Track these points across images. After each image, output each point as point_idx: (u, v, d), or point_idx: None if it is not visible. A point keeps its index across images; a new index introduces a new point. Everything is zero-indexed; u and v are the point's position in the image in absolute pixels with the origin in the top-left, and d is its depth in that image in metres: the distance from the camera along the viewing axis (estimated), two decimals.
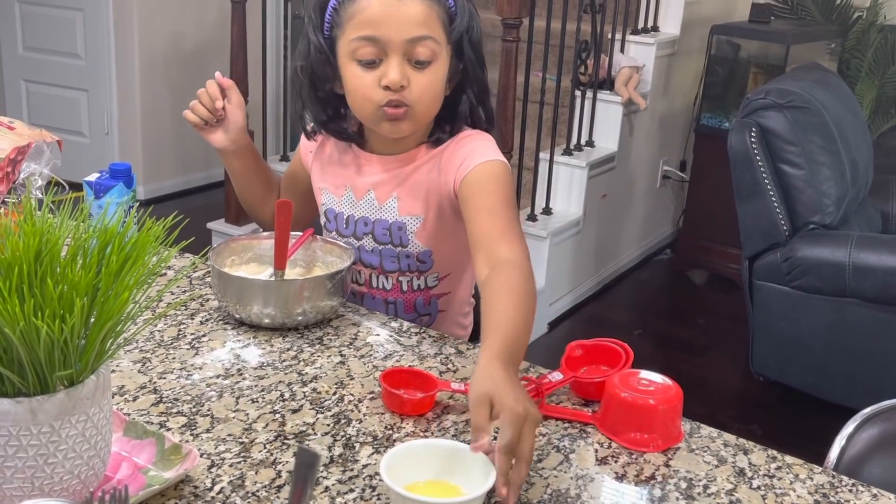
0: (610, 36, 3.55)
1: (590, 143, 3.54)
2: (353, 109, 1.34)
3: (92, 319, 0.80)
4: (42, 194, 1.32)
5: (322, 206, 1.48)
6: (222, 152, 1.47)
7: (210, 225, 3.47)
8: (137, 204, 1.41)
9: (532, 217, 3.28)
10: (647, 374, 1.08)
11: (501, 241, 1.23)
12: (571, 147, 3.44)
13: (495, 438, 0.91)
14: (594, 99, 3.50)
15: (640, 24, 3.73)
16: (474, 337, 1.56)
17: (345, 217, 1.43)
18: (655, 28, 3.79)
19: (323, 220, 1.49)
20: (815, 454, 1.17)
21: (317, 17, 1.31)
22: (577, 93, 3.44)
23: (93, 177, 1.37)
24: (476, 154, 1.32)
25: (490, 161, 1.31)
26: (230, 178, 1.54)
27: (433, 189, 1.36)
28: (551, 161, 3.33)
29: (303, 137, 1.49)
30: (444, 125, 1.37)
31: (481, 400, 0.93)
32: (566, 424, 1.08)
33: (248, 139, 1.48)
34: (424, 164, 1.37)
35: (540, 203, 3.33)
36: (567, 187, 3.42)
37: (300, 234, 1.39)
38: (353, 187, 1.42)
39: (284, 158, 3.71)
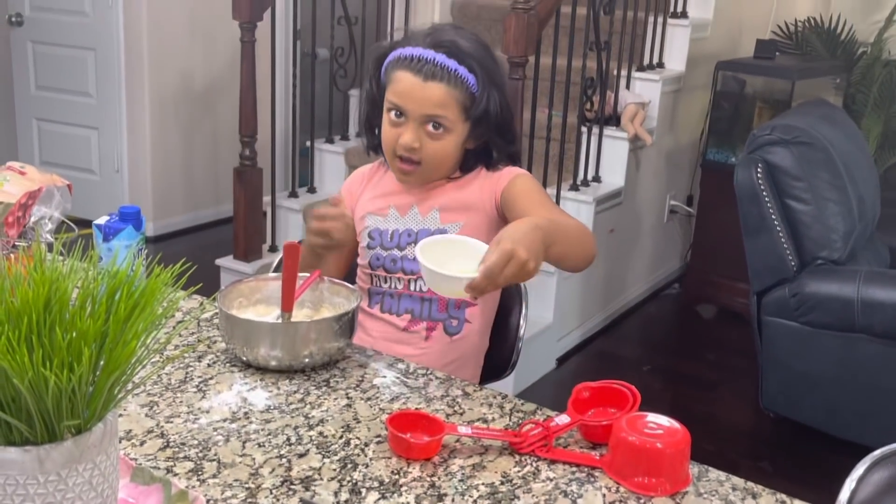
0: (615, 72, 3.57)
1: (596, 179, 3.55)
2: (382, 147, 1.57)
3: (100, 366, 0.80)
4: (52, 237, 1.34)
5: (365, 229, 1.60)
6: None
7: (219, 261, 3.48)
8: (146, 248, 1.42)
9: None
10: (654, 417, 1.08)
11: (561, 216, 1.48)
12: (578, 182, 3.45)
13: None
14: (600, 135, 3.51)
15: (646, 61, 3.75)
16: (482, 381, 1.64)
17: (389, 232, 1.58)
18: (661, 64, 3.82)
19: (365, 241, 1.59)
20: (828, 491, 1.16)
21: (373, 69, 1.56)
22: (584, 129, 3.45)
23: (102, 219, 1.38)
24: (507, 172, 1.55)
25: (525, 174, 1.56)
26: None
27: (471, 203, 1.55)
28: (558, 196, 3.34)
29: (344, 187, 1.68)
30: (474, 167, 1.57)
31: (505, 253, 1.16)
32: (574, 468, 1.08)
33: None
34: (462, 185, 1.57)
35: None
36: None
37: (307, 275, 1.40)
38: (395, 206, 1.59)
39: (293, 195, 3.73)
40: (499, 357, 1.68)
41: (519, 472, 1.07)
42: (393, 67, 1.50)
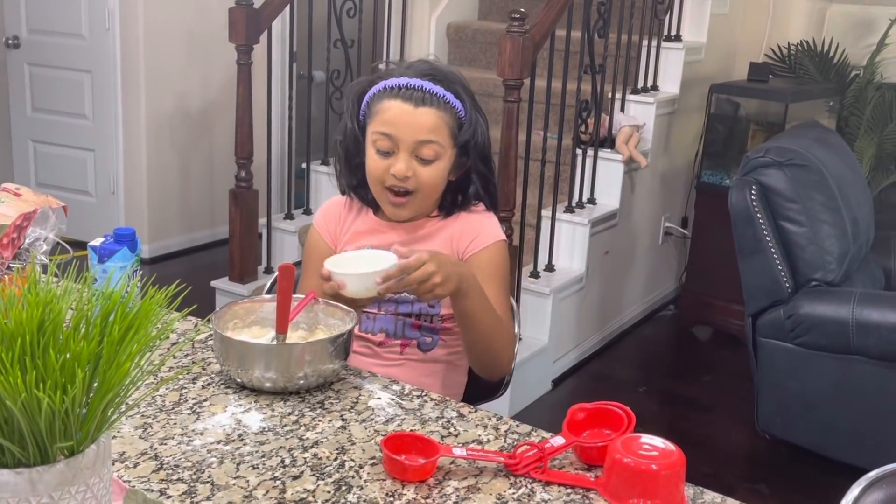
0: (610, 95, 3.59)
1: (591, 201, 3.56)
2: (369, 184, 1.57)
3: (93, 388, 0.80)
4: (47, 259, 1.33)
5: None
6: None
7: (214, 283, 3.48)
8: (140, 270, 1.42)
9: (535, 274, 3.29)
10: (649, 439, 1.08)
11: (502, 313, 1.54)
12: (573, 204, 3.46)
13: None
14: (595, 157, 3.53)
15: (640, 84, 3.78)
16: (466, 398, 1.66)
17: None
18: (655, 87, 3.84)
19: None
20: None
21: (353, 106, 1.56)
22: (579, 151, 3.47)
23: (97, 241, 1.38)
24: (483, 235, 1.57)
25: (495, 244, 1.57)
26: None
27: (443, 250, 1.54)
28: (553, 218, 3.35)
29: (315, 223, 1.66)
30: (451, 204, 1.59)
31: (422, 260, 1.35)
32: (569, 490, 1.08)
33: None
34: (437, 231, 1.59)
35: (542, 260, 3.34)
36: (569, 244, 3.44)
37: (302, 296, 1.40)
38: (371, 247, 1.58)
39: (289, 217, 3.73)
40: None
41: (514, 493, 1.06)
42: (379, 99, 1.52)
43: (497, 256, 1.57)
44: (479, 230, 1.58)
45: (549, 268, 3.35)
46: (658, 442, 1.07)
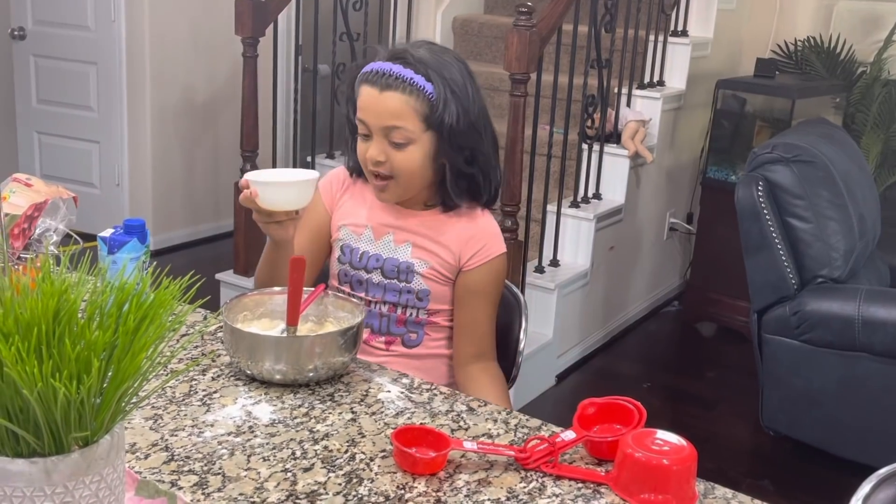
0: (616, 90, 3.58)
1: (597, 196, 3.55)
2: None
3: (108, 378, 0.80)
4: (57, 250, 1.33)
5: (338, 241, 1.62)
6: (280, 243, 1.50)
7: (219, 276, 3.48)
8: (152, 262, 1.42)
9: (539, 269, 3.29)
10: (661, 434, 1.07)
11: (487, 336, 1.59)
12: (579, 199, 3.46)
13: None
14: (601, 152, 3.52)
15: (647, 79, 3.77)
16: None
17: (360, 252, 1.60)
18: (661, 82, 3.83)
19: (337, 253, 1.62)
20: None
21: (349, 91, 1.56)
22: (584, 146, 3.46)
23: (107, 232, 1.38)
24: (487, 247, 1.56)
25: (497, 257, 1.57)
26: (267, 265, 1.56)
27: (442, 250, 1.57)
28: (559, 213, 3.34)
29: (321, 185, 1.65)
30: (448, 194, 1.55)
31: None
32: (579, 484, 1.08)
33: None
34: (438, 227, 1.57)
35: (547, 255, 3.34)
36: (574, 239, 3.43)
37: (312, 289, 1.40)
38: (372, 228, 1.60)
39: None
40: None
41: (525, 487, 1.06)
42: (358, 84, 1.52)
43: (495, 273, 1.58)
44: (485, 241, 1.57)
45: (554, 263, 3.35)
46: (670, 437, 1.07)
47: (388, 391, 1.29)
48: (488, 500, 1.03)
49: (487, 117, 1.56)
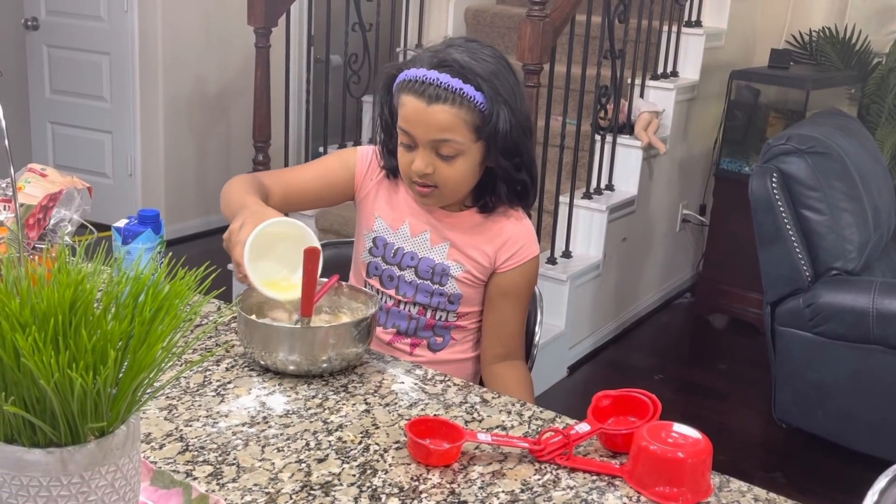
0: (630, 81, 3.56)
1: (610, 187, 3.54)
2: None
3: (124, 368, 0.80)
4: (71, 240, 1.34)
5: (371, 232, 1.57)
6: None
7: (231, 266, 3.49)
8: (167, 252, 1.42)
9: (552, 260, 3.28)
10: (676, 427, 1.07)
11: (516, 337, 1.57)
12: (591, 190, 3.45)
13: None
14: (614, 143, 3.51)
15: (660, 70, 3.75)
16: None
17: (394, 248, 1.55)
18: (675, 73, 3.81)
19: (369, 244, 1.57)
20: (841, 503, 1.15)
21: (384, 93, 1.50)
22: (597, 137, 3.45)
23: (121, 222, 1.38)
24: (523, 250, 1.53)
25: (531, 259, 1.54)
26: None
27: (478, 254, 1.53)
28: (571, 204, 3.34)
29: (361, 152, 1.60)
30: (492, 198, 1.53)
31: None
32: (594, 477, 1.08)
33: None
34: (476, 228, 1.54)
35: (560, 246, 3.33)
36: (587, 230, 3.42)
37: (326, 280, 1.40)
38: (410, 224, 1.55)
39: None
40: None
41: (539, 479, 1.06)
42: (399, 91, 1.44)
43: (529, 274, 1.55)
44: (522, 243, 1.53)
45: (567, 254, 3.34)
46: (685, 430, 1.07)
47: (402, 382, 1.29)
48: (502, 491, 1.03)
49: (530, 111, 1.52)
